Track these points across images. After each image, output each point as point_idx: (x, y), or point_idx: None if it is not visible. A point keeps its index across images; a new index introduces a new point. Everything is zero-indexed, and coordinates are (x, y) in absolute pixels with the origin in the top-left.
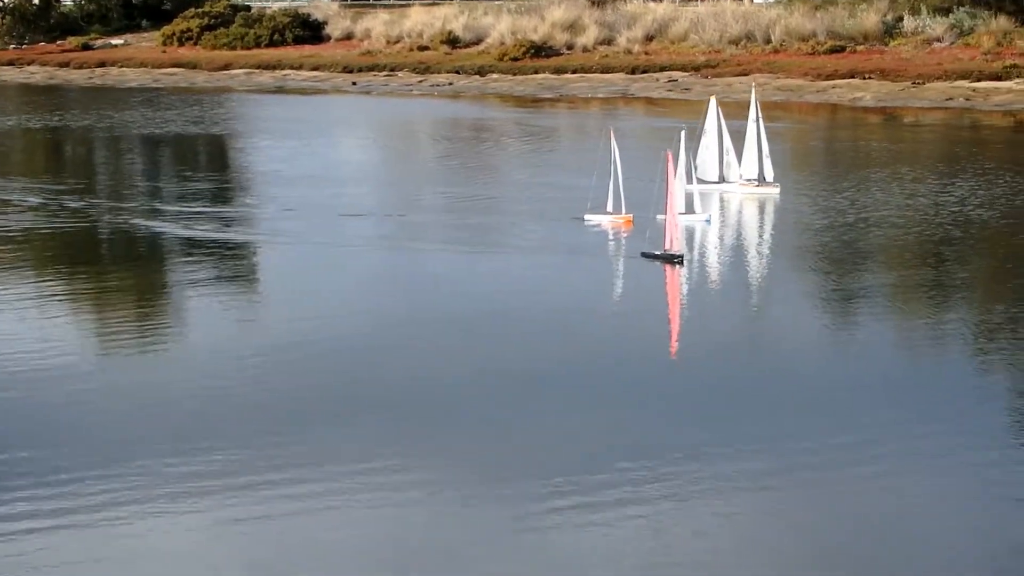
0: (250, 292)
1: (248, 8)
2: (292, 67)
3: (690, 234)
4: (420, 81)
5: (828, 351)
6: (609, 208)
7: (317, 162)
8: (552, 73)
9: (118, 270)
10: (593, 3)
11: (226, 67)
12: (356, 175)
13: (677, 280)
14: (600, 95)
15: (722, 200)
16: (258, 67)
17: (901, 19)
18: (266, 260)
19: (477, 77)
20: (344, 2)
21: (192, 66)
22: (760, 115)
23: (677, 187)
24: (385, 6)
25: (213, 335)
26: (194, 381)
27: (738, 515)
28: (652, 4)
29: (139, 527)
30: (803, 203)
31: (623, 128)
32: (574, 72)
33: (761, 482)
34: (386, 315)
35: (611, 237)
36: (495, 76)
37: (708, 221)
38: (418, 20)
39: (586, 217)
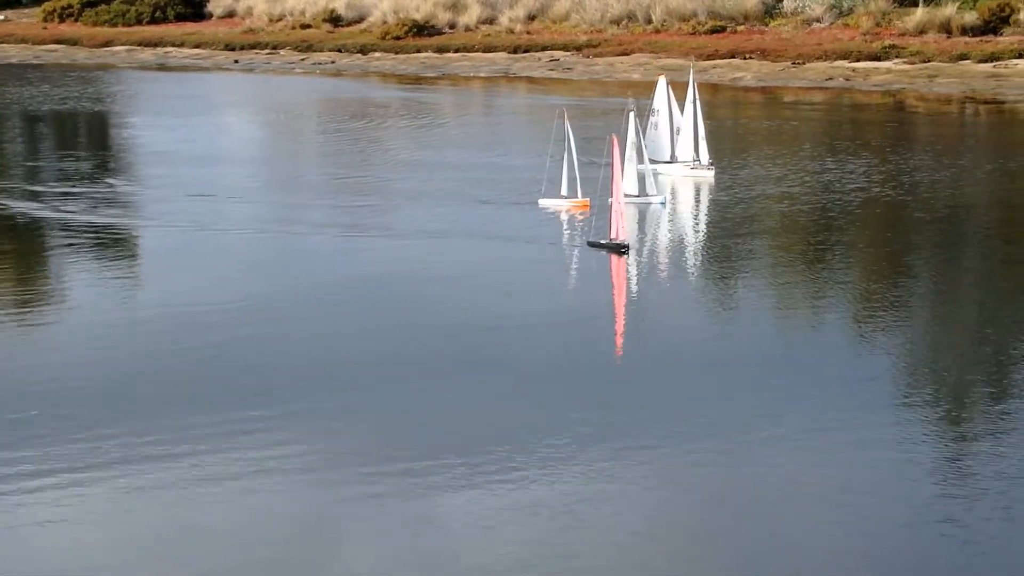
0: (119, 276)
1: None
2: (174, 44)
3: (643, 217)
4: (302, 59)
5: (750, 333)
6: (564, 192)
7: (199, 141)
8: (434, 52)
9: None
10: None
11: (107, 44)
12: (239, 155)
13: (621, 269)
14: (482, 74)
15: (662, 181)
16: (140, 44)
17: (781, 0)
18: (141, 243)
19: (359, 56)
20: None
21: (73, 43)
22: (697, 97)
23: (628, 169)
24: None
25: (82, 317)
26: (60, 362)
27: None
28: None
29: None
30: (736, 184)
31: (507, 105)
32: (456, 51)
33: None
34: (280, 299)
35: (560, 222)
36: (377, 55)
37: (663, 203)
38: None
39: (540, 202)
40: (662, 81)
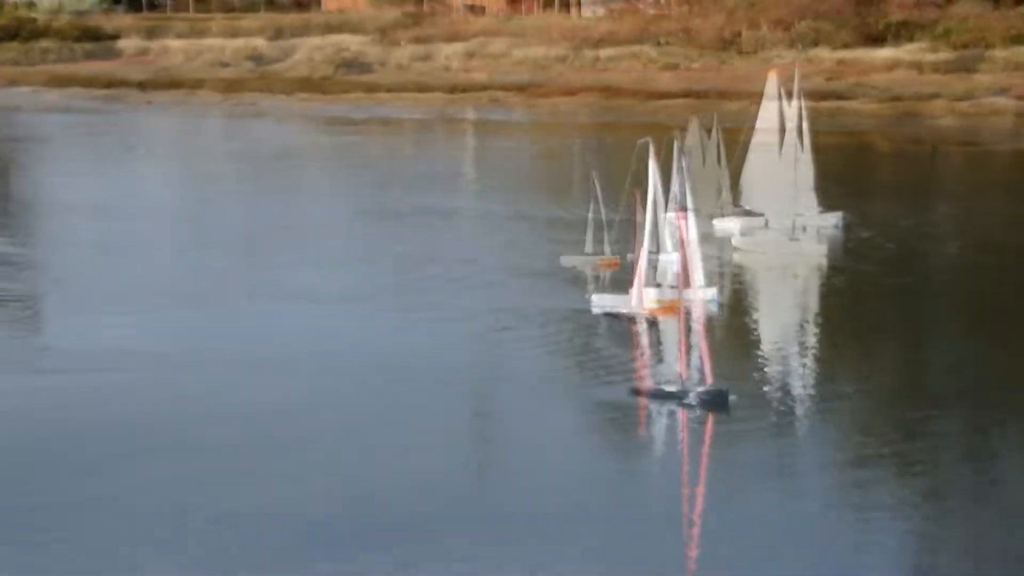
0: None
1: (34, 20)
2: (82, 85)
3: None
4: (222, 100)
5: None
6: (588, 249)
7: (107, 191)
8: (364, 92)
9: None
10: (410, 16)
11: (12, 84)
12: (149, 206)
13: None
14: (416, 116)
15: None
16: (46, 84)
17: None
18: (34, 309)
19: (283, 96)
20: (139, 14)
21: None
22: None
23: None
24: (184, 19)
25: None
26: None
27: None
28: (473, 17)
29: None
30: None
31: (447, 150)
32: (388, 91)
33: None
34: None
35: (581, 297)
36: (303, 95)
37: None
38: (220, 35)
39: (562, 259)
40: (694, 122)
